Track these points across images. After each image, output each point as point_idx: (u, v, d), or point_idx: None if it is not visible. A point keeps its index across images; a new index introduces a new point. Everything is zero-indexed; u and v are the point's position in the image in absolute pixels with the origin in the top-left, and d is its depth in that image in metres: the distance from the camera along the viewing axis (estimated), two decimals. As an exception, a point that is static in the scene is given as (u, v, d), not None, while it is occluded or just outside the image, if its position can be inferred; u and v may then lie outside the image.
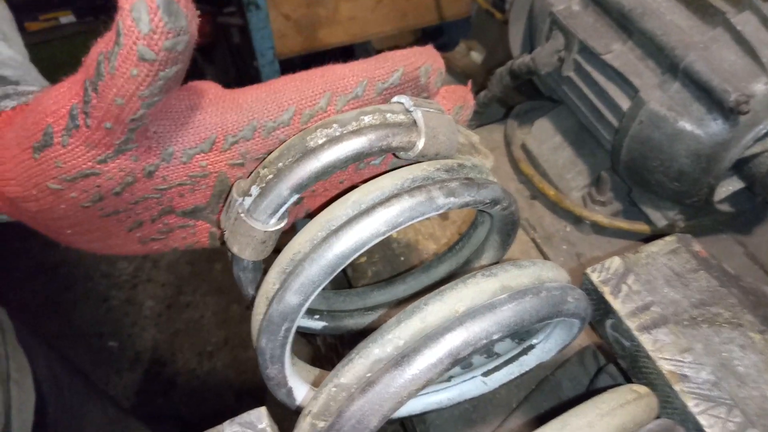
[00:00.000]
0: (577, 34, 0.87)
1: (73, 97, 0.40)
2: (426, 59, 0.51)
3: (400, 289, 0.67)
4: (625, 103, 0.84)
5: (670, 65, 0.78)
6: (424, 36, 2.65)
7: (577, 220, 1.01)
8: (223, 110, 0.46)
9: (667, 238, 0.50)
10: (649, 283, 0.46)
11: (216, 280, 2.77)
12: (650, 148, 0.81)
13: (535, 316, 0.38)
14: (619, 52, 0.84)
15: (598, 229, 0.99)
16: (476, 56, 1.92)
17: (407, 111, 0.49)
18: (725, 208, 0.86)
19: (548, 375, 0.77)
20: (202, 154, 0.46)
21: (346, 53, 2.71)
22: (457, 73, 1.89)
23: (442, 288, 0.40)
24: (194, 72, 3.05)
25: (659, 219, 0.92)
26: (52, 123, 0.41)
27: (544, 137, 1.06)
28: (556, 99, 1.07)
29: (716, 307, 0.45)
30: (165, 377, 2.51)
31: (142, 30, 0.35)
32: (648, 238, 0.98)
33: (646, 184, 0.88)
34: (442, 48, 2.40)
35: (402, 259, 0.98)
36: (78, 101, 0.40)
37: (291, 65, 2.69)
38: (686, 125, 0.76)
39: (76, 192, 0.44)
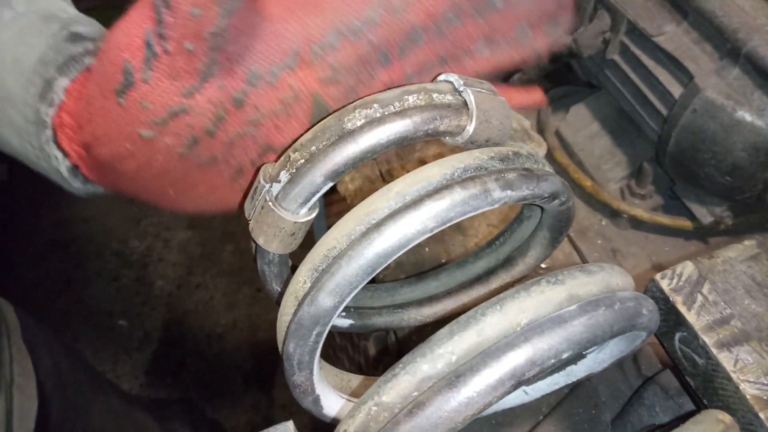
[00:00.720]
0: (626, 13, 0.81)
1: (144, 23, 0.38)
2: (529, 101, 0.53)
3: (432, 286, 0.61)
4: (677, 90, 0.77)
5: (731, 50, 0.71)
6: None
7: (613, 214, 0.95)
8: (302, 15, 0.42)
9: (746, 243, 0.45)
10: (728, 294, 0.41)
11: (226, 262, 2.74)
12: (703, 139, 0.75)
13: (609, 332, 0.33)
14: (673, 34, 0.78)
15: (636, 223, 0.94)
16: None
17: (456, 91, 0.43)
18: (778, 205, 0.81)
19: (583, 379, 0.72)
20: (289, 72, 0.42)
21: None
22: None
23: (502, 296, 0.35)
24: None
25: (704, 215, 0.87)
26: (129, 58, 0.39)
27: (580, 125, 1.00)
28: (595, 84, 1.01)
29: (804, 323, 0.40)
30: (174, 358, 2.50)
31: None
32: (690, 235, 0.93)
33: (693, 178, 0.83)
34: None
35: (426, 250, 0.93)
36: (151, 25, 0.37)
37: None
38: (746, 115, 0.70)
39: (169, 137, 0.41)
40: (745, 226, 0.90)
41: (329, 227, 0.40)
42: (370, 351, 1.12)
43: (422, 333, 0.86)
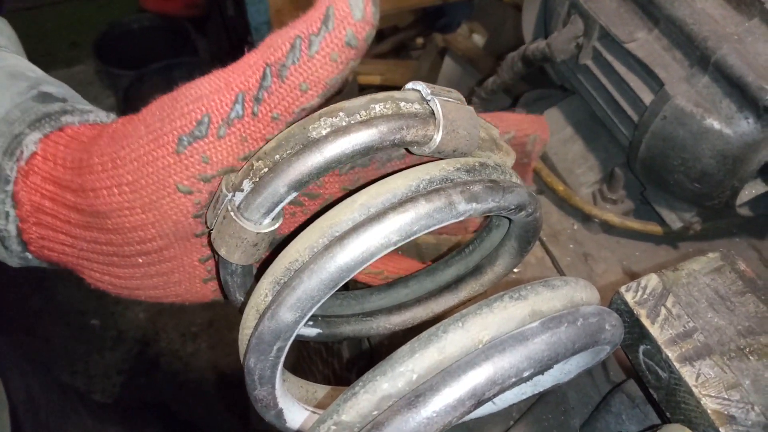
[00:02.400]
0: (599, 19, 0.81)
1: (240, 85, 0.38)
2: (536, 129, 0.55)
3: (402, 293, 0.61)
4: (647, 97, 0.78)
5: (700, 58, 0.72)
6: (424, 16, 2.57)
7: (585, 218, 0.95)
8: None
9: (710, 255, 0.45)
10: (691, 307, 0.41)
11: (203, 260, 2.72)
12: (672, 145, 0.75)
13: (571, 349, 0.33)
14: (644, 41, 0.78)
15: (608, 228, 0.94)
16: (478, 39, 1.85)
17: (423, 99, 0.43)
18: (746, 212, 0.81)
19: (550, 389, 0.72)
20: None
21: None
22: (458, 57, 1.82)
23: (464, 312, 0.34)
24: (186, 43, 2.94)
25: (674, 221, 0.87)
26: (211, 112, 0.38)
27: (553, 128, 1.00)
28: (568, 88, 1.01)
29: (766, 337, 0.40)
30: (148, 357, 2.46)
31: (355, 16, 0.35)
32: (660, 240, 0.93)
33: (663, 184, 0.83)
34: (442, 29, 2.34)
35: (399, 253, 0.92)
36: (247, 88, 0.38)
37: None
38: (714, 123, 0.71)
39: (201, 196, 0.42)
40: (714, 231, 0.91)
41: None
42: (344, 353, 1.11)
43: (395, 335, 0.85)
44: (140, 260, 0.46)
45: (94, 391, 2.34)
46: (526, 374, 0.31)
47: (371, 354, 0.92)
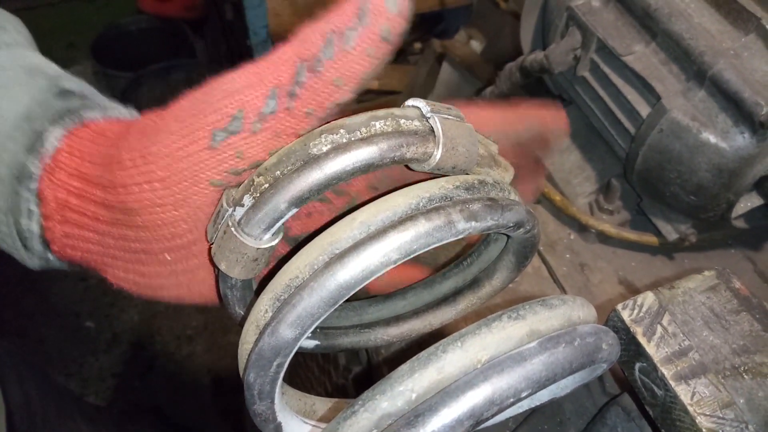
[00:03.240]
0: (597, 31, 0.81)
1: (274, 79, 0.38)
2: (557, 122, 0.53)
3: (400, 305, 0.61)
4: (644, 110, 0.79)
5: (697, 72, 0.73)
6: (422, 21, 2.57)
7: (582, 228, 0.96)
8: None
9: (706, 273, 0.45)
10: (687, 325, 0.42)
11: (198, 263, 2.71)
12: (669, 158, 0.76)
13: (568, 369, 0.33)
14: (641, 54, 0.79)
15: (604, 238, 0.95)
16: (476, 45, 1.86)
17: (423, 117, 0.43)
18: (741, 224, 0.82)
19: (546, 404, 0.72)
20: None
21: (341, 35, 2.63)
22: (456, 63, 1.83)
23: (463, 331, 0.35)
24: (184, 45, 2.94)
25: (670, 232, 0.88)
26: (245, 107, 0.38)
27: (551, 139, 1.01)
28: (566, 99, 1.02)
29: (760, 356, 0.41)
30: (143, 360, 2.46)
31: (390, 9, 0.35)
32: (656, 251, 0.94)
33: (659, 195, 0.84)
34: (440, 35, 2.34)
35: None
36: (280, 83, 0.37)
37: (284, 45, 2.61)
38: (710, 137, 0.71)
39: (229, 188, 0.41)
40: (709, 243, 0.92)
41: None
42: (340, 360, 1.11)
43: (391, 345, 0.85)
44: (168, 257, 0.45)
45: (88, 393, 2.34)
46: (524, 395, 0.31)
47: (368, 361, 0.92)
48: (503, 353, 0.33)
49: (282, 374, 0.39)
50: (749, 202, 0.79)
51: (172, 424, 1.98)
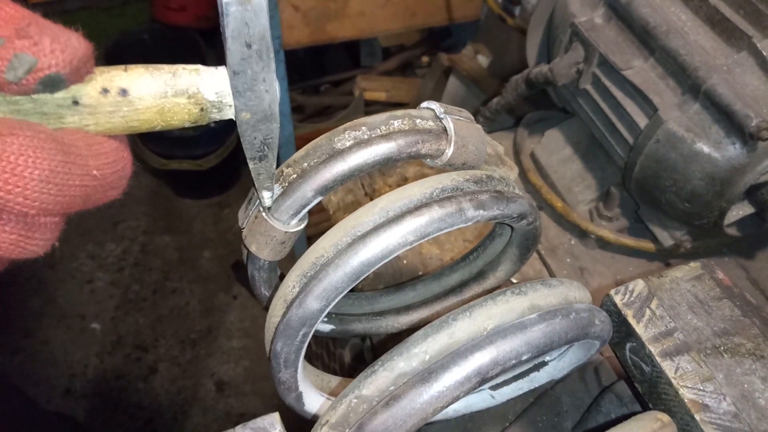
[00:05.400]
0: (599, 47, 0.86)
1: None
2: None
3: (409, 296, 0.65)
4: (642, 121, 0.83)
5: (692, 86, 0.77)
6: (431, 36, 2.63)
7: (582, 234, 1.00)
8: None
9: (692, 264, 0.49)
10: (673, 309, 0.46)
11: (203, 268, 2.75)
12: (665, 167, 0.80)
13: (564, 338, 0.38)
14: (640, 69, 0.83)
15: (603, 244, 0.99)
16: (483, 60, 1.91)
17: (437, 117, 0.48)
18: (733, 231, 0.86)
19: (548, 389, 0.76)
20: None
21: (350, 47, 2.69)
22: (463, 76, 1.88)
23: (472, 303, 0.39)
24: (196, 54, 2.97)
25: (666, 238, 0.92)
26: None
27: (553, 148, 1.05)
28: (569, 110, 1.06)
29: (739, 338, 0.45)
30: (146, 363, 2.48)
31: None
32: (653, 258, 0.98)
33: (656, 203, 0.88)
34: (448, 49, 2.38)
35: (404, 262, 0.97)
36: None
37: (296, 57, 2.67)
38: (704, 147, 0.76)
39: None
40: (704, 250, 0.96)
41: (308, 237, 0.43)
42: (345, 358, 1.15)
43: (397, 341, 0.89)
44: None
45: (92, 395, 2.37)
46: (524, 357, 0.36)
47: (374, 357, 0.96)
48: (507, 323, 0.37)
49: (306, 344, 0.44)
50: (741, 210, 0.83)
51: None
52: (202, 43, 3.07)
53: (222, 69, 0.38)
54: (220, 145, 2.74)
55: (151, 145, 2.63)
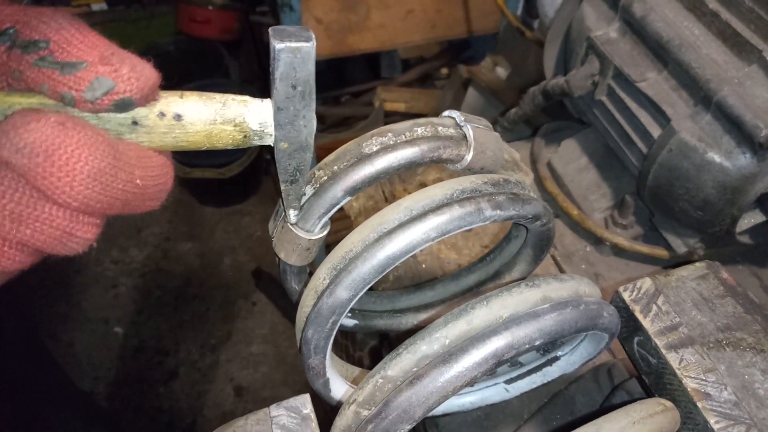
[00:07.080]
0: (614, 60, 0.89)
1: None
2: None
3: (428, 295, 0.69)
4: (655, 131, 0.86)
5: (704, 98, 0.80)
6: (450, 48, 2.67)
7: (597, 241, 1.03)
8: None
9: (697, 264, 0.52)
10: (678, 305, 0.49)
11: (224, 275, 2.80)
12: (678, 176, 0.83)
13: (574, 327, 0.41)
14: (654, 81, 0.86)
15: (618, 251, 1.02)
16: (501, 72, 1.94)
17: (458, 125, 0.51)
18: (745, 239, 0.88)
19: (562, 389, 0.79)
20: None
21: (370, 59, 2.74)
22: (482, 88, 1.91)
23: (488, 294, 0.42)
24: (219, 66, 3.02)
25: (679, 246, 0.94)
26: None
27: (570, 157, 1.08)
28: (585, 121, 1.09)
29: (740, 333, 0.47)
30: (167, 367, 2.53)
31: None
32: (666, 264, 1.00)
33: (669, 211, 0.91)
34: (467, 61, 2.42)
35: (423, 266, 1.00)
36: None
37: (317, 68, 2.71)
38: (715, 157, 0.78)
39: None
40: (717, 258, 0.97)
41: (327, 245, 0.46)
42: (365, 362, 1.18)
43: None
44: None
45: (114, 397, 2.42)
46: (537, 343, 0.39)
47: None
48: (521, 312, 0.41)
49: (335, 332, 0.47)
50: (752, 218, 0.85)
51: None
52: (226, 55, 3.14)
53: (267, 102, 0.42)
54: (242, 155, 2.80)
55: (175, 154, 2.69)
